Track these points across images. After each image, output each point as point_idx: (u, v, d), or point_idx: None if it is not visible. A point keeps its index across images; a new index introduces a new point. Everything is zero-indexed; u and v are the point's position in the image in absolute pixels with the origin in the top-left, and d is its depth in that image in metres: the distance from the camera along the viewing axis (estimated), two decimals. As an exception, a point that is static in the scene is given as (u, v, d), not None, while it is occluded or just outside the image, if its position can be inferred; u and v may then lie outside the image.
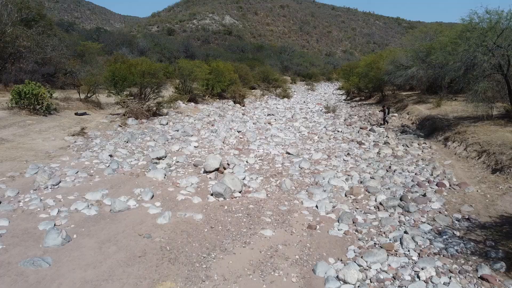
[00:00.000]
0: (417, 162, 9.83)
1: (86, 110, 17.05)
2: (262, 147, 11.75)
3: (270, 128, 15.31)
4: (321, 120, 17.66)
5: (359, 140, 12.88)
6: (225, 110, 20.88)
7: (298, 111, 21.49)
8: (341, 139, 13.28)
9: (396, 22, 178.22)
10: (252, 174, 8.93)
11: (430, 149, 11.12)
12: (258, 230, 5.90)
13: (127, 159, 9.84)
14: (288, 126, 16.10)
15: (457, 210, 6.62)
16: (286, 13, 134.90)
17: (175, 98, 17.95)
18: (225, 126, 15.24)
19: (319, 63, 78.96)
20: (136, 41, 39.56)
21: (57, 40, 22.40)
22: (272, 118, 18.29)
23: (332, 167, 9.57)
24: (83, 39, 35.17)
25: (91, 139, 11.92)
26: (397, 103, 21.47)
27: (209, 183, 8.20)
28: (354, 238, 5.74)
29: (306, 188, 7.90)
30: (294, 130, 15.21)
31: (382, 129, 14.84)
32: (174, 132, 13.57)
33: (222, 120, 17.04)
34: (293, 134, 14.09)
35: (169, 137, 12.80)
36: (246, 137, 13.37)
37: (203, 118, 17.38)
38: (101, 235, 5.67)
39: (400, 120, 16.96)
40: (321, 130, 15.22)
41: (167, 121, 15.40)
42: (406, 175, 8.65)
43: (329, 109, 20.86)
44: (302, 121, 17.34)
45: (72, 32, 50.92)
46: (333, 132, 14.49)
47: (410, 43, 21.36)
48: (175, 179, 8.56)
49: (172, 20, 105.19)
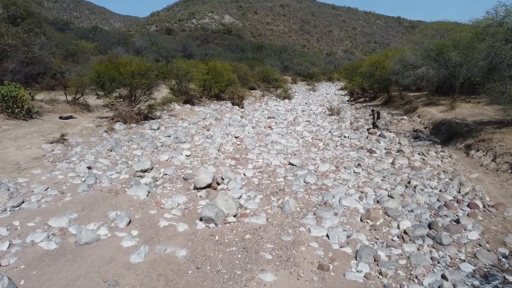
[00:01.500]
0: (438, 175, 8.59)
1: (72, 113, 15.84)
2: (261, 156, 10.51)
3: (271, 133, 14.07)
4: (325, 123, 16.42)
5: (369, 147, 11.64)
6: (222, 112, 19.65)
7: (300, 114, 20.26)
8: (349, 146, 12.05)
9: (397, 21, 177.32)
10: (250, 190, 7.70)
11: (451, 159, 9.88)
12: (256, 272, 4.67)
13: (107, 172, 8.62)
14: (290, 130, 14.87)
15: (501, 242, 5.39)
16: (286, 12, 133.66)
17: (168, 100, 16.71)
18: (222, 131, 14.00)
19: (320, 63, 77.70)
20: (132, 40, 38.30)
21: (45, 39, 21.19)
22: (272, 122, 17.06)
23: (342, 181, 8.34)
24: (78, 38, 34.00)
25: (71, 147, 10.69)
26: (405, 105, 20.24)
27: (198, 203, 6.97)
28: (379, 284, 4.51)
29: (314, 210, 6.66)
30: (297, 135, 13.97)
31: (393, 135, 13.61)
32: (165, 138, 12.34)
33: (218, 124, 15.80)
34: (296, 140, 12.85)
35: (159, 144, 11.57)
36: (244, 144, 12.15)
37: (199, 121, 16.14)
38: (55, 280, 4.44)
39: (411, 123, 15.71)
40: (326, 135, 13.99)
41: (159, 126, 14.17)
42: (429, 192, 7.42)
43: (333, 111, 19.62)
44: (305, 125, 16.11)
45: (68, 31, 49.82)
46: (339, 138, 13.25)
47: (419, 41, 20.10)
48: (160, 197, 7.33)
49: (171, 20, 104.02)
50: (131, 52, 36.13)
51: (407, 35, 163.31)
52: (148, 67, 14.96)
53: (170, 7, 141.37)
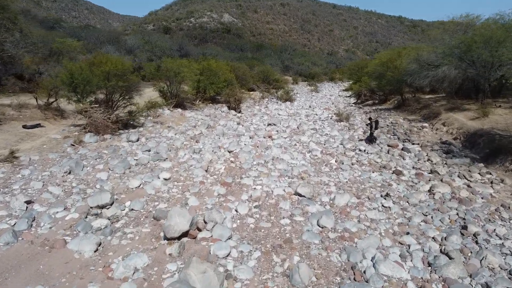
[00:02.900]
0: (498, 212, 6.35)
1: (42, 120, 13.56)
2: (260, 180, 8.26)
3: (271, 145, 11.83)
4: (334, 132, 14.15)
5: (394, 166, 9.40)
6: (217, 118, 17.39)
7: (304, 119, 18.02)
8: (368, 163, 9.80)
9: (398, 20, 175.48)
10: (242, 240, 5.47)
11: (504, 185, 7.65)
12: None
13: (52, 209, 6.37)
14: (293, 141, 12.64)
15: None
16: (286, 11, 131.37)
17: (153, 105, 14.44)
18: (213, 143, 11.75)
19: (321, 63, 75.51)
20: (123, 39, 36.04)
21: (20, 36, 18.95)
22: (273, 130, 14.82)
23: (369, 222, 6.10)
24: (67, 36, 31.78)
25: (20, 168, 8.45)
26: (422, 109, 17.98)
27: (165, 268, 4.73)
28: None
29: (338, 284, 4.42)
30: (302, 147, 11.73)
31: (417, 147, 11.37)
32: (143, 154, 10.10)
33: (210, 133, 13.54)
34: (302, 156, 10.60)
35: (133, 162, 9.33)
36: (239, 161, 9.91)
37: (188, 130, 13.89)
38: None
39: (435, 132, 13.46)
40: (337, 148, 11.74)
41: (138, 137, 11.92)
42: (500, 247, 5.18)
43: (341, 117, 17.39)
44: (311, 134, 13.87)
45: (59, 29, 47.60)
46: (354, 152, 11.00)
47: (438, 38, 17.84)
48: (112, 254, 5.09)
49: (168, 19, 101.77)
50: (122, 51, 33.90)
51: (408, 34, 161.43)
52: (126, 67, 12.70)
53: (168, 6, 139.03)
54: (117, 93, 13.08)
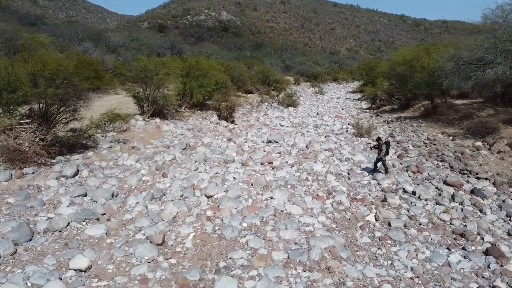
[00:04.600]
0: None
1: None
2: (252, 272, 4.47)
3: (272, 181, 8.03)
4: (358, 155, 10.32)
5: (476, 232, 5.62)
6: (202, 132, 13.58)
7: (313, 132, 14.23)
8: (430, 223, 6.01)
9: (400, 19, 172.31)
10: None
11: None
12: None
13: None
14: (303, 171, 8.85)
15: None
16: (287, 9, 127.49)
17: (111, 119, 10.56)
18: (186, 180, 7.92)
19: (323, 62, 71.76)
20: (106, 36, 32.22)
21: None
22: (275, 149, 11.04)
23: None
24: (47, 33, 28.03)
25: None
26: (463, 120, 14.18)
27: None
28: None
29: None
30: (318, 185, 7.95)
31: (491, 187, 7.61)
32: (66, 208, 6.33)
33: (187, 159, 9.69)
34: (320, 205, 6.81)
35: (42, 226, 5.57)
36: (220, 217, 6.15)
37: (156, 154, 10.08)
38: None
39: (500, 158, 9.64)
40: (368, 185, 7.96)
41: (77, 169, 8.13)
42: None
43: (360, 130, 13.60)
44: (326, 158, 10.09)
45: (42, 26, 43.85)
46: (397, 196, 7.20)
47: (485, 29, 14.00)
48: None
49: (164, 16, 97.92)
50: (103, 49, 30.10)
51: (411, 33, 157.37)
52: (64, 67, 8.86)
53: (166, 4, 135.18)
54: (54, 104, 9.25)
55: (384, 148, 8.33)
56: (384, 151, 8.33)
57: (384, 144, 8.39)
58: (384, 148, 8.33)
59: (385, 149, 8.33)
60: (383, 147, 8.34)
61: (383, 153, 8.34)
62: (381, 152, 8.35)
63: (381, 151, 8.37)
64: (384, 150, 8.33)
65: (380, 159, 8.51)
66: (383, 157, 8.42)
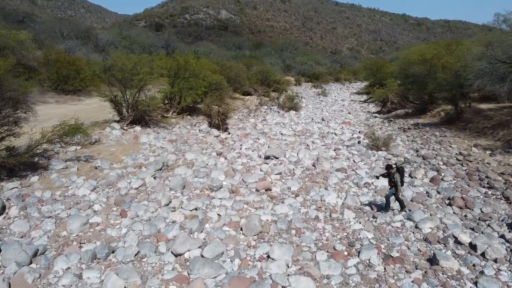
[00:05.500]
0: None
1: None
2: None
3: (271, 222, 5.83)
4: (378, 179, 8.09)
5: None
6: (186, 145, 11.35)
7: (320, 143, 12.03)
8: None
9: (402, 18, 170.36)
10: None
11: None
12: None
13: None
14: (311, 205, 6.65)
15: None
16: (287, 8, 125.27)
17: (68, 132, 8.35)
18: (149, 225, 5.70)
19: (325, 62, 69.62)
20: (94, 33, 30.02)
21: None
22: (274, 170, 8.82)
23: None
24: (33, 31, 25.92)
25: None
26: (496, 129, 11.96)
27: None
28: None
29: None
30: (333, 227, 5.76)
31: None
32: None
33: (160, 187, 7.48)
34: (340, 268, 4.60)
35: None
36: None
37: (121, 179, 7.86)
38: None
39: None
40: (405, 230, 5.75)
41: (5, 204, 5.92)
42: None
43: (377, 142, 11.39)
44: (338, 182, 7.89)
45: (31, 24, 41.71)
46: (452, 255, 5.00)
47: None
48: None
49: (162, 15, 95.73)
50: (90, 48, 27.89)
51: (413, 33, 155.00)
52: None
53: (164, 3, 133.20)
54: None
55: (398, 179, 6.09)
56: (399, 183, 6.12)
57: (397, 173, 6.15)
58: (398, 179, 6.09)
59: (399, 180, 6.11)
60: (396, 178, 6.08)
61: (399, 187, 6.12)
62: (396, 186, 6.11)
63: (395, 185, 6.13)
64: (399, 182, 6.12)
65: (394, 194, 6.30)
66: (398, 193, 6.21)
